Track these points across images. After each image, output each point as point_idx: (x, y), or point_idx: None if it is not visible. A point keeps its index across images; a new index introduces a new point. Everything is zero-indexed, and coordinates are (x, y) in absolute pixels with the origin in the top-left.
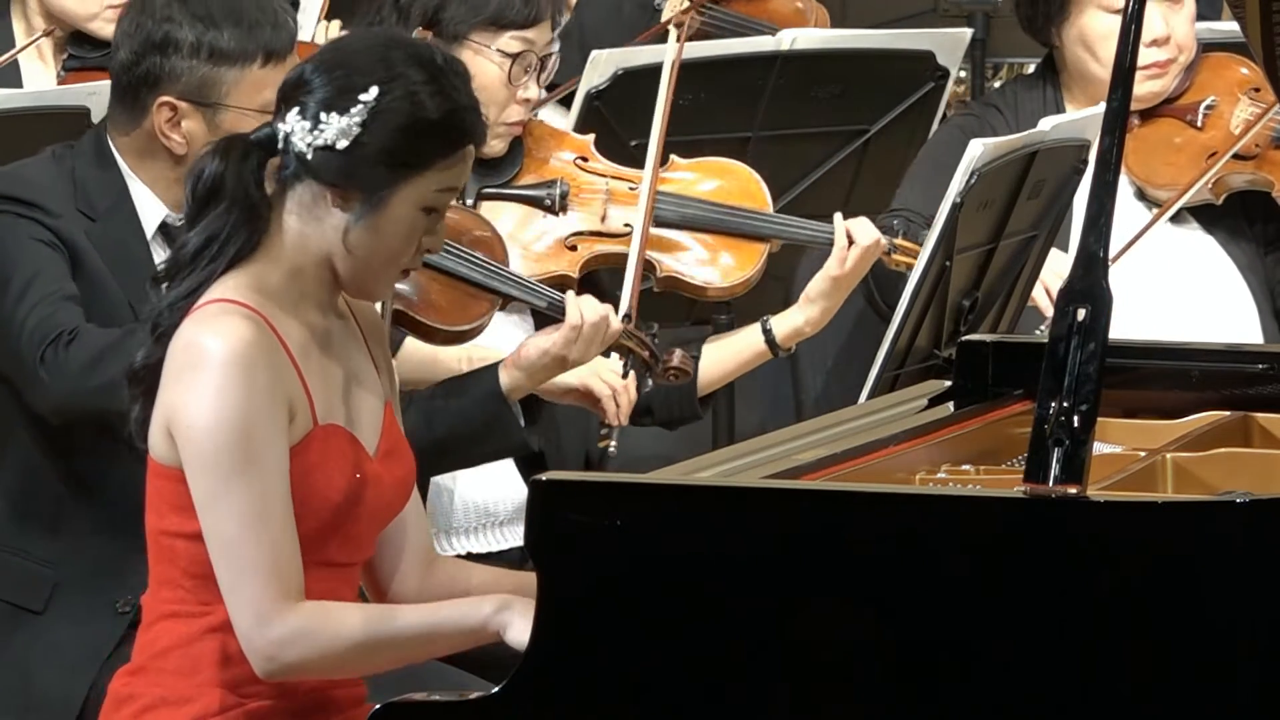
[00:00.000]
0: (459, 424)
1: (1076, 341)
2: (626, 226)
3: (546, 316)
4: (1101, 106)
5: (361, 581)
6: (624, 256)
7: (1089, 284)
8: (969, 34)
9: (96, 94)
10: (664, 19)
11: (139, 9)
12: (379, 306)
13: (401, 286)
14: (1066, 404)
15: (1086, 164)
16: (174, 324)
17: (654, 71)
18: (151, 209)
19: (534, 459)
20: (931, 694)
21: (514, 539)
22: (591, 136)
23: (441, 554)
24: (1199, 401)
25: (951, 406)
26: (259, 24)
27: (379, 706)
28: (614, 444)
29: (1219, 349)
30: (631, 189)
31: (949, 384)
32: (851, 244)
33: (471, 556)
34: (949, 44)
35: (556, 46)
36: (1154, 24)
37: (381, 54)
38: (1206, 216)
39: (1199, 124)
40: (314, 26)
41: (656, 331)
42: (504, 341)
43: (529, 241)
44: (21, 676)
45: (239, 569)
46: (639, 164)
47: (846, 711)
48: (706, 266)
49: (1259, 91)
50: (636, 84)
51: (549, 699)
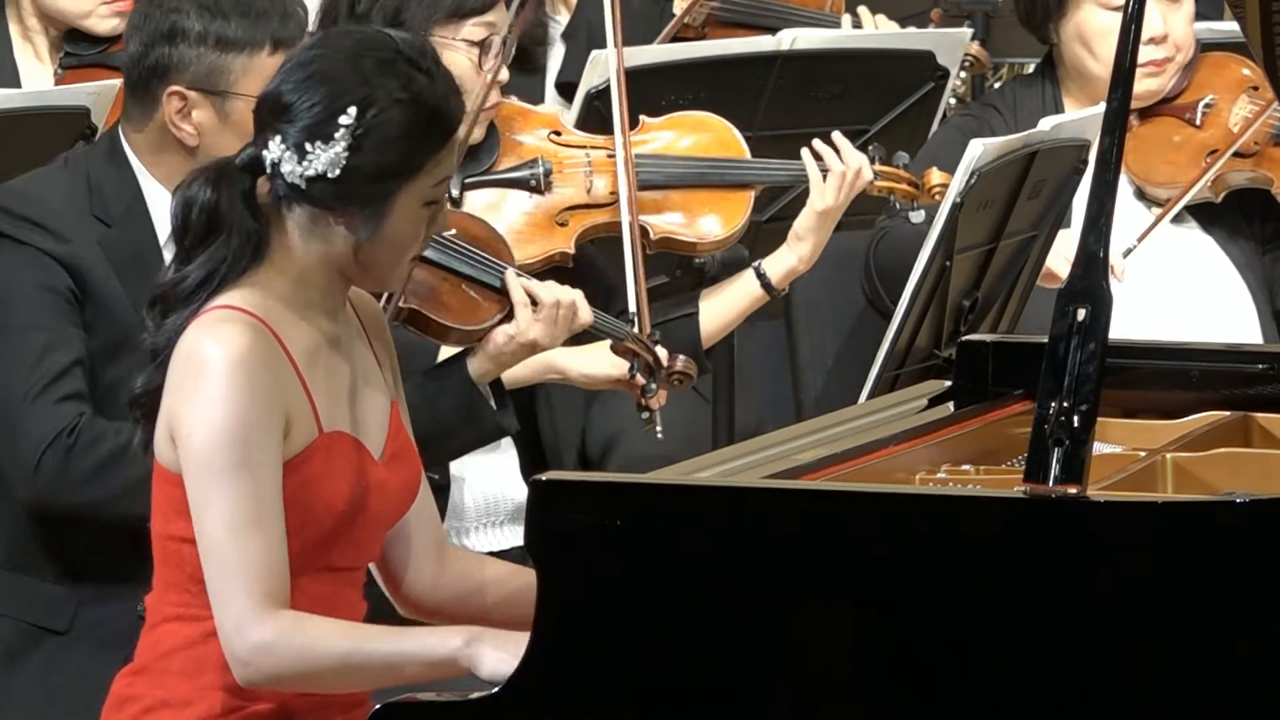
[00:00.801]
0: (432, 416)
1: (1076, 341)
2: (613, 195)
3: None
4: (1101, 106)
5: (376, 575)
6: (616, 225)
7: (1089, 284)
8: (969, 34)
9: (95, 94)
10: (675, 11)
11: (147, 1)
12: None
13: (414, 286)
14: (1066, 404)
15: (1086, 164)
16: (172, 348)
17: (654, 71)
18: (165, 209)
19: (535, 457)
20: (932, 694)
21: (514, 538)
22: (558, 110)
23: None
24: (1199, 401)
25: (951, 406)
26: (266, 14)
27: (379, 706)
28: (660, 428)
29: (1219, 349)
30: (610, 156)
31: (949, 384)
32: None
33: None
34: (949, 44)
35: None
36: (1152, 22)
37: (351, 66)
38: (1205, 215)
39: (1198, 123)
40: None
41: (659, 338)
42: None
43: (520, 224)
44: (48, 694)
45: (224, 572)
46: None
47: (846, 711)
48: (696, 221)
49: (1258, 90)
50: (637, 84)
51: (549, 699)
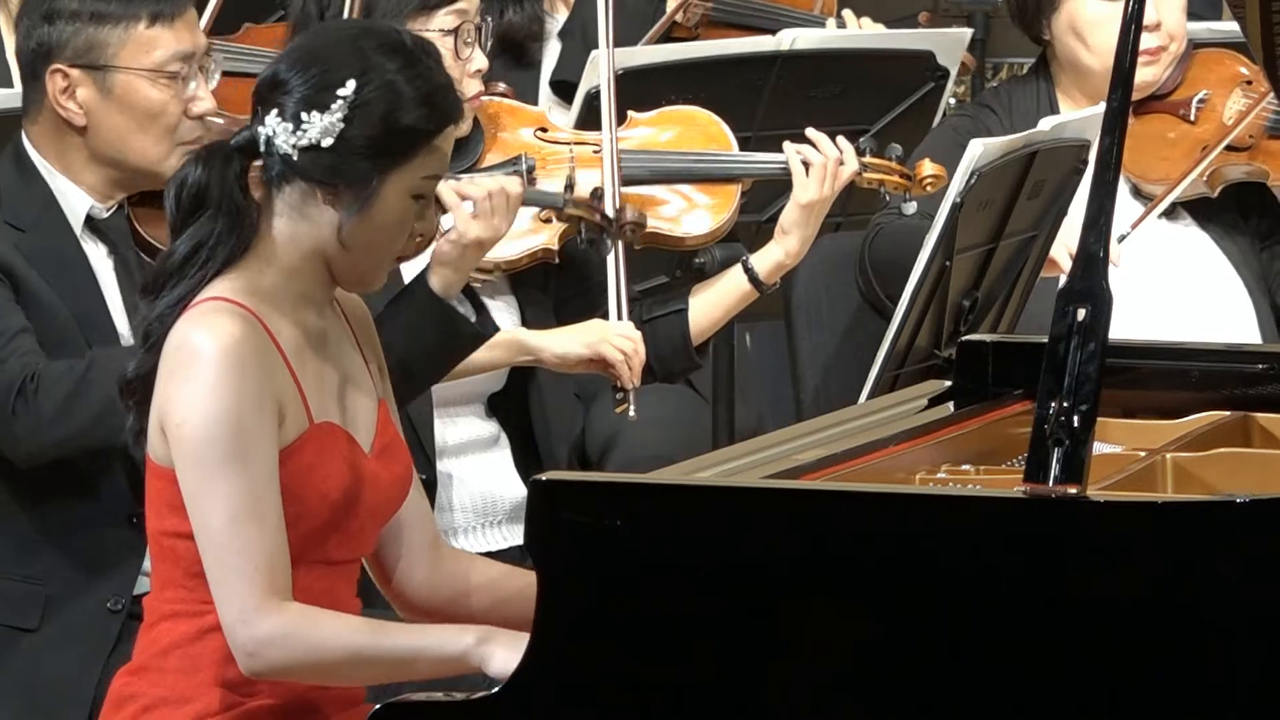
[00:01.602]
0: (409, 340)
1: (1076, 341)
2: (595, 192)
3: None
4: (1101, 106)
5: (370, 571)
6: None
7: (1089, 284)
8: (969, 34)
9: None
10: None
11: None
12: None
13: None
14: (1066, 404)
15: (1086, 164)
16: (165, 332)
17: (654, 71)
18: (76, 203)
19: (529, 456)
20: (931, 694)
21: (513, 538)
22: (547, 108)
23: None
24: (1199, 401)
25: (951, 406)
26: None
27: (379, 706)
28: (633, 408)
29: (1219, 349)
30: (595, 152)
31: (949, 384)
32: (810, 167)
33: None
34: (949, 44)
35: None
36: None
37: (353, 45)
38: (1201, 212)
39: (1192, 118)
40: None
41: (601, 193)
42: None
43: None
44: (25, 692)
45: (225, 565)
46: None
47: (846, 711)
48: (683, 216)
49: (1251, 85)
50: (637, 83)
51: (549, 699)
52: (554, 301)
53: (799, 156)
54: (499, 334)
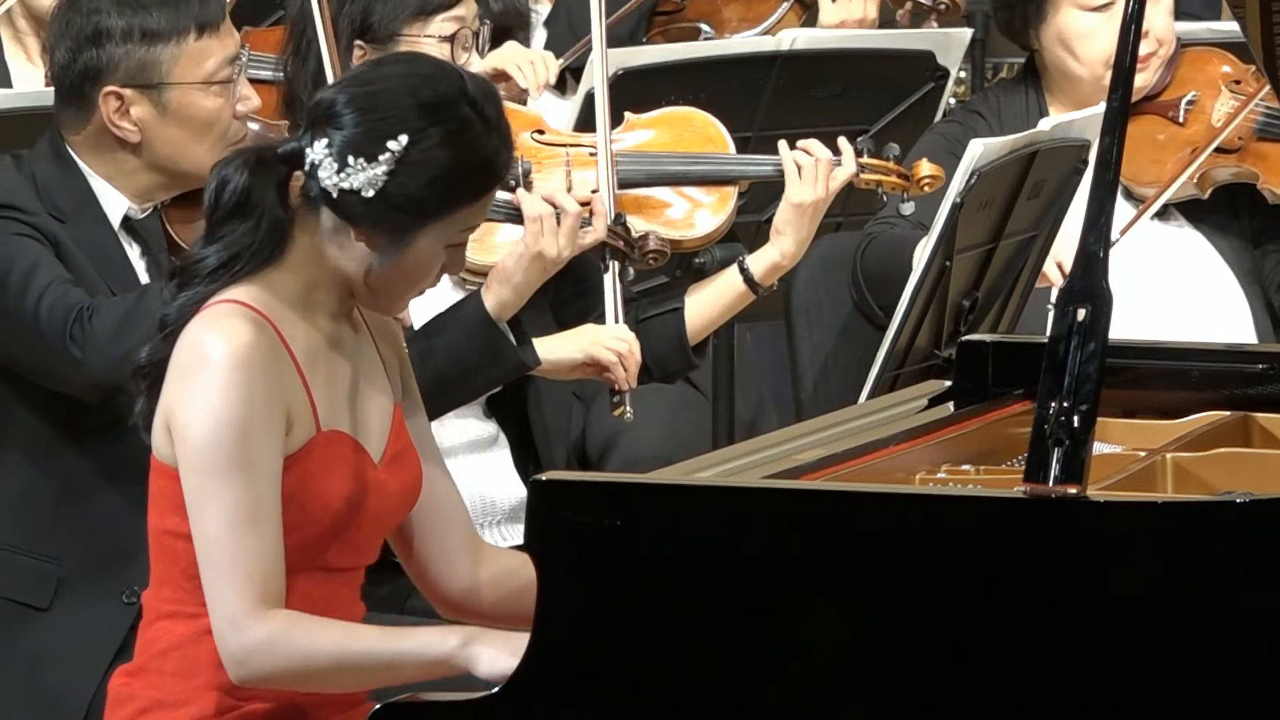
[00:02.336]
0: (453, 358)
1: (1076, 341)
2: (594, 191)
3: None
4: (1101, 106)
5: (412, 578)
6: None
7: (1089, 284)
8: (969, 34)
9: None
10: None
11: (66, 8)
12: None
13: None
14: (1066, 404)
15: (1086, 164)
16: (181, 324)
17: (654, 71)
18: (114, 204)
19: (528, 456)
20: (931, 694)
21: (513, 538)
22: (543, 111)
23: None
24: (1199, 401)
25: (951, 406)
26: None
27: (379, 706)
28: (629, 410)
29: (1219, 349)
30: (591, 153)
31: (949, 384)
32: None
33: None
34: (949, 44)
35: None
36: None
37: (415, 95)
38: (1193, 212)
39: (1181, 120)
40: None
41: (625, 219)
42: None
43: None
44: (30, 674)
45: (219, 570)
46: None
47: (846, 711)
48: (680, 218)
49: (1239, 84)
50: (637, 84)
51: (549, 699)
52: (552, 302)
53: (792, 157)
54: None
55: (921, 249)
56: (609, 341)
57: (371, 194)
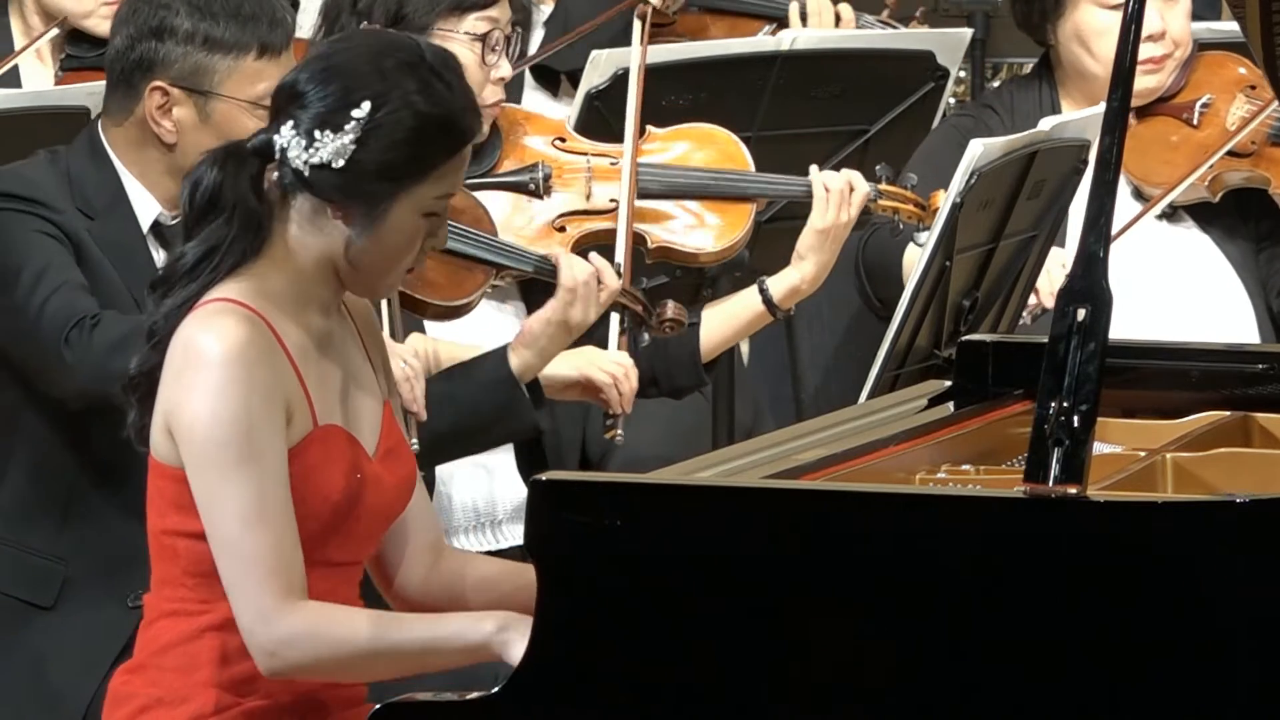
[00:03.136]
0: (469, 411)
1: (1076, 341)
2: (612, 202)
3: (538, 301)
4: (1101, 106)
5: (370, 574)
6: (613, 232)
7: (1089, 284)
8: (969, 34)
9: (96, 94)
10: None
11: None
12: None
13: None
14: (1066, 404)
15: (1086, 164)
16: (170, 331)
17: (653, 72)
18: (145, 206)
19: (534, 456)
20: (931, 694)
21: (513, 538)
22: (566, 118)
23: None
24: (1199, 401)
25: (951, 406)
26: (255, 18)
27: (379, 706)
28: (620, 434)
29: (1219, 349)
30: (613, 164)
31: (949, 384)
32: (829, 193)
33: None
34: (949, 44)
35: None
36: (1150, 19)
37: (373, 62)
38: (1202, 215)
39: (1195, 122)
40: (314, 27)
41: (646, 286)
42: (495, 331)
43: (517, 227)
44: (33, 673)
45: (241, 566)
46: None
47: (846, 711)
48: (696, 233)
49: (1255, 89)
50: None
51: (549, 699)
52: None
53: (822, 180)
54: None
55: (914, 248)
56: (605, 364)
57: (342, 163)
